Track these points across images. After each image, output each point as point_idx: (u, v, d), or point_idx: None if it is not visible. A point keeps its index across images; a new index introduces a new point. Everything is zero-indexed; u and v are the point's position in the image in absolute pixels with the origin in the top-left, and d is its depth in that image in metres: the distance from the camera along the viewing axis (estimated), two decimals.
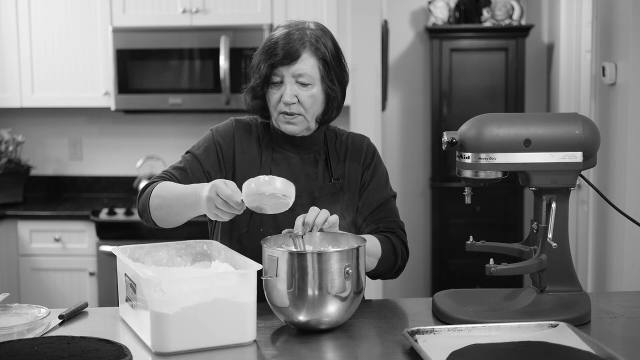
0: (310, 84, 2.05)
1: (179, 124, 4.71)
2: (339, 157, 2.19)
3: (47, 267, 4.25)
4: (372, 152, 2.22)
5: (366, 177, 2.18)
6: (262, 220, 2.09)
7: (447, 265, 5.36)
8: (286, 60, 2.02)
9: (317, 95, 2.07)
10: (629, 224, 2.25)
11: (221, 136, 2.16)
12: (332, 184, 2.15)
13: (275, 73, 2.05)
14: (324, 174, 2.16)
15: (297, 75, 2.04)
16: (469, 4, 5.31)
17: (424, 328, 1.74)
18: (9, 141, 4.49)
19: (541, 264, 1.93)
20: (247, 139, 2.17)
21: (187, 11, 4.30)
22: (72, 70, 4.41)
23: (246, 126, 2.19)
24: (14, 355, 1.55)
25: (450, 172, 5.26)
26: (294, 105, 2.05)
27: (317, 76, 2.05)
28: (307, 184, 2.14)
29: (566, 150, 1.91)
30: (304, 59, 2.03)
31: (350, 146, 2.20)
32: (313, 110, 2.08)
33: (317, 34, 2.07)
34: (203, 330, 1.71)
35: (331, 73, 2.08)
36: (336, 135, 2.22)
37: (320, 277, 1.76)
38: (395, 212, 2.20)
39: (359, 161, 2.19)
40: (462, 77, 5.30)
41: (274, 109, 2.08)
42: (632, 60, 3.30)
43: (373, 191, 2.17)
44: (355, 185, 2.17)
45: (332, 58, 2.08)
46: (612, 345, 1.65)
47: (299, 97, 2.05)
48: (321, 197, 2.13)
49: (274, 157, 2.16)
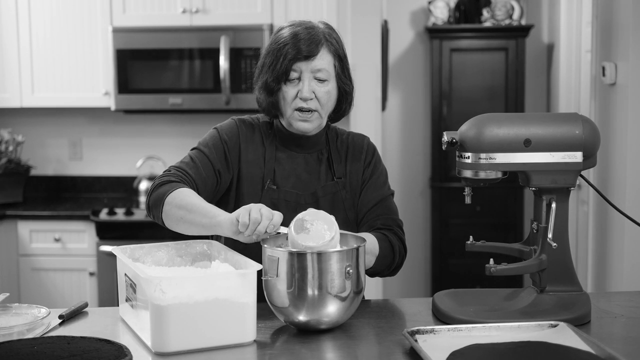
0: (327, 79, 2.09)
1: (179, 124, 4.71)
2: (340, 157, 2.20)
3: (47, 267, 4.25)
4: (372, 151, 2.24)
5: (366, 175, 2.20)
6: None
7: (447, 265, 5.36)
8: (306, 56, 2.05)
9: (332, 91, 2.11)
10: (629, 224, 2.25)
11: (227, 135, 2.16)
12: (335, 182, 2.16)
13: (294, 69, 2.07)
14: (326, 173, 2.18)
15: (315, 70, 2.07)
16: (469, 4, 5.31)
17: (424, 328, 1.74)
18: (9, 141, 4.49)
19: (541, 264, 1.93)
20: (251, 138, 2.18)
21: (187, 11, 4.30)
22: (72, 70, 4.41)
23: (249, 125, 2.20)
24: (14, 355, 1.55)
25: (450, 172, 5.26)
26: (311, 101, 2.08)
27: (333, 72, 2.10)
28: (310, 183, 2.15)
29: (566, 150, 1.91)
30: (322, 55, 2.07)
31: (352, 145, 2.22)
32: (328, 106, 2.12)
33: (328, 31, 2.12)
34: (203, 330, 1.71)
35: (345, 70, 2.13)
36: (337, 135, 2.24)
37: (320, 277, 1.76)
38: (393, 209, 2.20)
39: (360, 160, 2.20)
40: (462, 77, 5.30)
41: (289, 105, 2.09)
42: (632, 60, 3.30)
43: (372, 189, 2.19)
44: (356, 184, 2.19)
45: (344, 56, 2.14)
46: (612, 345, 1.65)
47: (315, 93, 2.08)
48: (324, 196, 2.14)
49: (277, 156, 2.17)
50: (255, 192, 2.13)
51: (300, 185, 2.15)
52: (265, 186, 2.13)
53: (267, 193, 2.12)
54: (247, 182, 2.14)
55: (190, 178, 2.08)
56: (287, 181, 2.15)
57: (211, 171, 2.11)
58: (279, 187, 2.13)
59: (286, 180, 2.15)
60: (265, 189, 2.12)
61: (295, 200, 2.12)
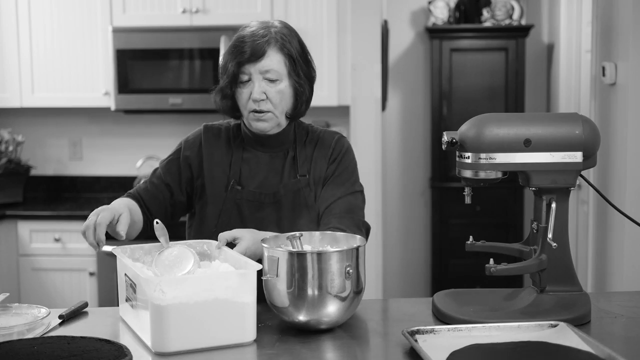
0: (277, 79, 2.10)
1: (179, 124, 4.71)
2: (307, 154, 2.21)
3: (47, 267, 4.25)
4: (340, 148, 2.22)
5: (329, 171, 2.19)
6: (230, 218, 2.15)
7: (447, 265, 5.36)
8: (252, 58, 2.08)
9: (285, 90, 2.12)
10: (629, 224, 2.25)
11: (189, 147, 2.24)
12: (297, 180, 2.17)
13: (243, 71, 2.10)
14: (289, 172, 2.19)
15: (264, 71, 2.09)
16: (469, 4, 5.31)
17: (424, 328, 1.74)
18: (9, 141, 4.49)
19: (541, 264, 1.93)
20: (215, 143, 2.23)
21: (187, 11, 4.30)
22: (72, 70, 4.41)
23: (215, 130, 2.26)
24: (14, 355, 1.55)
25: (450, 172, 5.26)
26: (263, 102, 2.10)
27: (284, 72, 2.11)
28: (274, 182, 2.18)
29: (566, 150, 1.91)
30: (269, 55, 2.09)
31: (320, 142, 2.22)
32: (282, 106, 2.13)
33: (282, 31, 2.13)
34: (203, 330, 1.72)
35: (297, 68, 2.13)
36: (307, 133, 2.25)
37: (320, 277, 1.76)
38: (353, 208, 2.16)
39: (325, 156, 2.20)
40: (462, 77, 5.30)
41: (244, 107, 2.14)
42: (632, 60, 3.30)
43: (332, 185, 2.18)
44: (319, 180, 2.19)
45: (298, 54, 2.13)
46: (612, 345, 1.65)
47: (267, 94, 2.10)
48: (286, 194, 2.16)
49: (244, 157, 2.20)
50: (219, 194, 2.18)
51: (264, 184, 2.17)
52: (229, 187, 2.16)
53: (231, 194, 2.17)
54: (211, 185, 2.19)
55: (139, 196, 2.20)
56: (253, 181, 2.18)
57: (162, 185, 2.22)
58: (244, 187, 2.17)
59: (252, 180, 2.18)
60: (229, 189, 2.16)
61: (257, 199, 2.16)
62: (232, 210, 2.16)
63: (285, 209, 2.16)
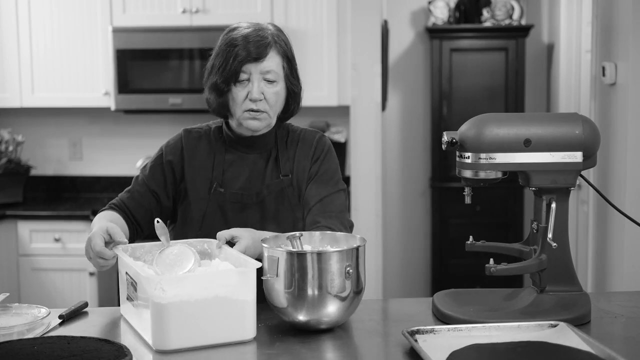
0: (275, 81, 2.12)
1: (179, 124, 4.70)
2: (289, 154, 2.22)
3: (47, 267, 4.25)
4: (322, 147, 2.23)
5: (312, 171, 2.20)
6: (214, 220, 2.16)
7: (447, 265, 5.36)
8: (255, 58, 2.09)
9: (281, 92, 2.15)
10: (629, 224, 2.25)
11: (170, 151, 2.25)
12: (280, 180, 2.18)
13: (244, 70, 2.10)
14: (272, 172, 2.20)
15: (264, 72, 2.10)
16: (469, 4, 5.31)
17: (424, 328, 1.74)
18: (9, 141, 4.49)
19: (541, 264, 1.93)
20: (196, 146, 2.23)
21: (187, 11, 4.30)
22: (72, 70, 4.41)
23: (196, 134, 2.26)
24: (14, 355, 1.55)
25: (450, 172, 5.26)
26: (261, 102, 2.11)
27: (281, 73, 2.13)
28: (257, 183, 2.18)
29: (566, 150, 1.91)
30: (271, 57, 2.11)
31: (301, 142, 2.23)
32: (277, 107, 2.15)
33: (277, 33, 2.16)
34: (203, 328, 1.72)
35: (293, 70, 2.16)
36: (288, 133, 2.26)
37: (320, 277, 1.76)
38: (337, 207, 2.18)
39: (307, 156, 2.21)
40: (462, 77, 5.29)
41: (239, 106, 2.13)
42: (632, 60, 3.30)
43: (316, 185, 2.19)
44: (302, 180, 2.20)
45: (293, 58, 2.17)
46: (612, 345, 1.65)
47: (264, 94, 2.11)
48: (269, 194, 2.17)
49: (226, 159, 2.21)
50: (203, 198, 2.18)
51: (247, 186, 2.17)
52: (212, 190, 2.17)
53: (214, 196, 2.17)
54: (194, 188, 2.19)
55: (123, 205, 2.21)
56: (236, 183, 2.19)
57: (147, 193, 2.22)
58: (227, 189, 2.17)
59: (235, 182, 2.19)
60: (211, 192, 2.17)
61: (240, 201, 2.17)
62: (215, 212, 2.17)
63: (269, 209, 2.16)
